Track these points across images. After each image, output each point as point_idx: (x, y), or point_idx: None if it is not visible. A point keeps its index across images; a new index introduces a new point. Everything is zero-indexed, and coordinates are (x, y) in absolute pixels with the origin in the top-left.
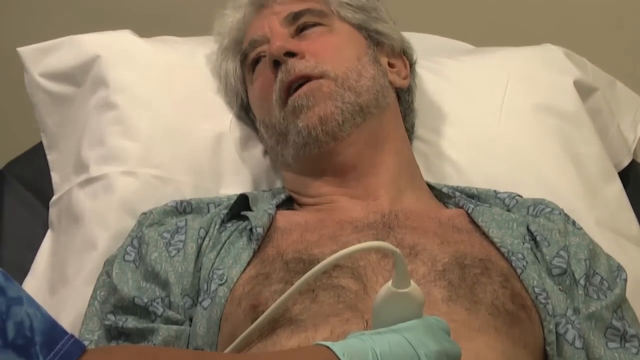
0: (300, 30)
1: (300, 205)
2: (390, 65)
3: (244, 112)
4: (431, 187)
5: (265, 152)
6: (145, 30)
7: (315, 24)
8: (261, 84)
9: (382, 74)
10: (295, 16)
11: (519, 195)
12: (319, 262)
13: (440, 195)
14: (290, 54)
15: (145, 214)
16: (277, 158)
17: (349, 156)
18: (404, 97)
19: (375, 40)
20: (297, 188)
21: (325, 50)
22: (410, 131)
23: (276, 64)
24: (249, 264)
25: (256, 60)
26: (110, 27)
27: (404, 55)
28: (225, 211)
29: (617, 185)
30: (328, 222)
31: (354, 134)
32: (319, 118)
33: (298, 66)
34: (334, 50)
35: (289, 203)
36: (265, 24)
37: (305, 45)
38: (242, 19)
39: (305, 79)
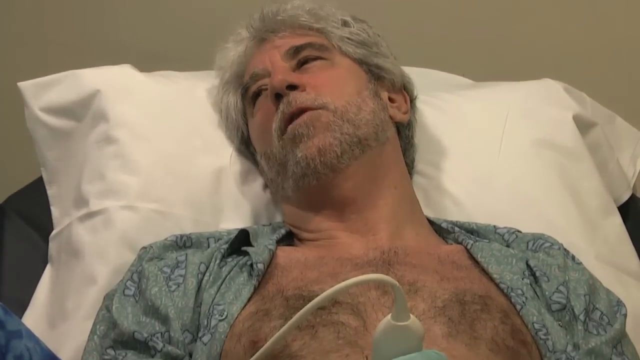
0: (302, 64)
1: (300, 240)
2: (391, 100)
3: (245, 146)
4: (431, 222)
5: (266, 186)
6: (145, 65)
7: (316, 58)
8: (262, 116)
9: (382, 108)
10: (297, 50)
11: (518, 231)
12: None
13: (440, 230)
14: (292, 87)
15: (145, 248)
16: (278, 191)
17: (348, 189)
18: (404, 132)
19: (376, 74)
20: (297, 222)
21: (325, 83)
22: (410, 166)
23: (278, 97)
24: (249, 300)
25: (257, 94)
26: (111, 61)
27: (405, 90)
28: (225, 246)
29: (617, 220)
30: (328, 259)
31: (352, 167)
32: (317, 149)
33: (299, 99)
34: (335, 84)
35: (289, 238)
36: (267, 58)
37: (306, 78)
38: (243, 53)
39: (305, 111)
